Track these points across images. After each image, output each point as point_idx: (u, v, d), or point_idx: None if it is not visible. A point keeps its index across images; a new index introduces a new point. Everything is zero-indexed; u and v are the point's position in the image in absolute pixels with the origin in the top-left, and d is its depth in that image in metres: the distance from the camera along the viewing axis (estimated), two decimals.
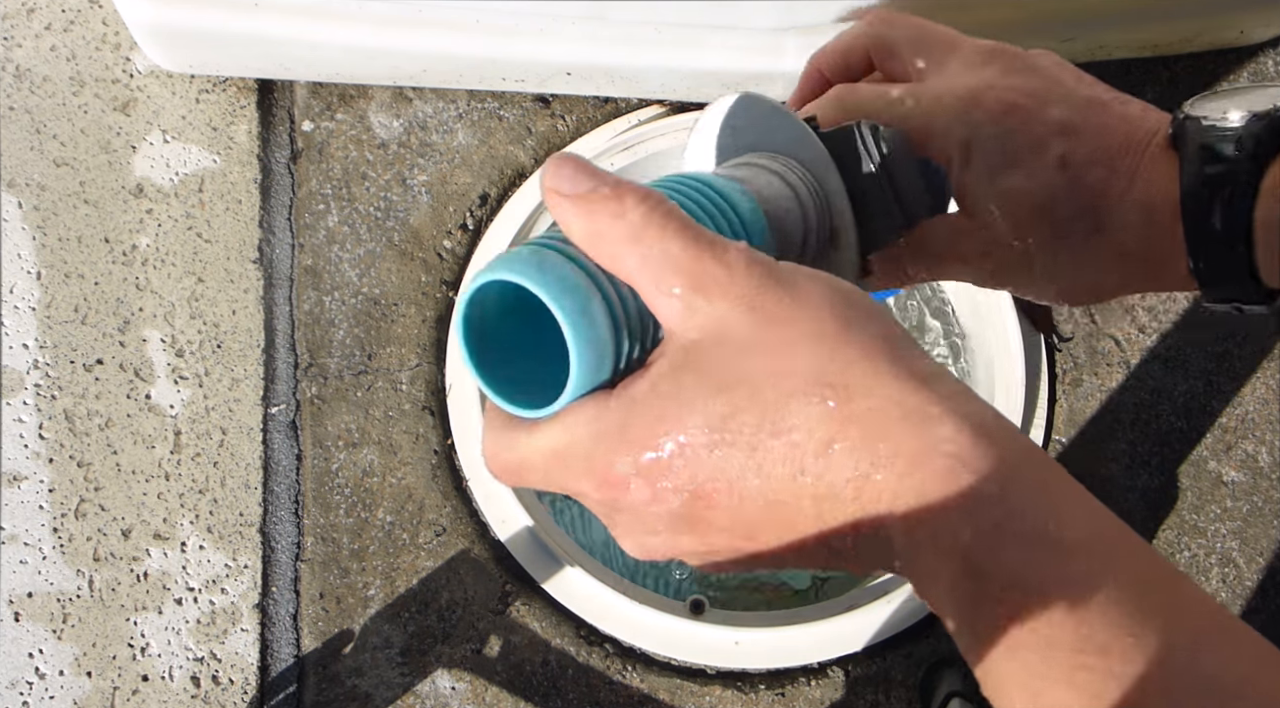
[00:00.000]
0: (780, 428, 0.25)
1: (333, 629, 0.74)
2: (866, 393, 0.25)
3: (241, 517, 0.75)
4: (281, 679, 0.73)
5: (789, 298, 0.26)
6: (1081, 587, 0.24)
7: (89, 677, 0.71)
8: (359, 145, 0.82)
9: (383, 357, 0.78)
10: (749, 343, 0.26)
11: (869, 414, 0.25)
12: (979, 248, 0.36)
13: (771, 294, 0.26)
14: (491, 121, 0.83)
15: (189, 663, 0.72)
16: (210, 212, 0.80)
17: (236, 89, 0.82)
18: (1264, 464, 0.83)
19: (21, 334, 0.76)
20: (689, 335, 0.26)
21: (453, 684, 0.73)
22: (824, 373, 0.25)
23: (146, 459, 0.75)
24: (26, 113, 0.79)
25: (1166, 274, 0.34)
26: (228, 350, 0.77)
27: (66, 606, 0.72)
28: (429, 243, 0.81)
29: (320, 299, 0.79)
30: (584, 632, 0.75)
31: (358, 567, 0.75)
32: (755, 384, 0.26)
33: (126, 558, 0.73)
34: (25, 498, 0.73)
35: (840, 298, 0.27)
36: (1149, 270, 0.35)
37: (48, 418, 0.75)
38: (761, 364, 0.26)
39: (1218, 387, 0.84)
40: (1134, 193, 0.34)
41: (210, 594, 0.73)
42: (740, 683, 0.74)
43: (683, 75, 0.78)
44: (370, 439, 0.77)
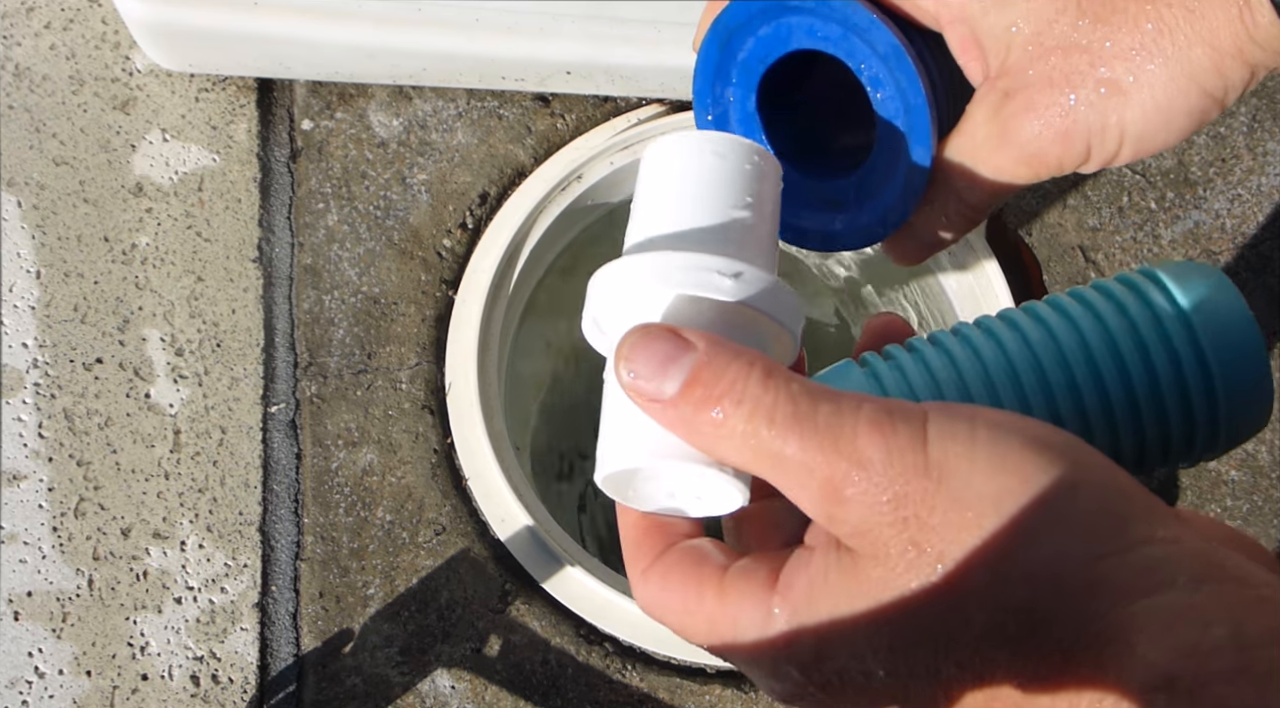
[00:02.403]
0: (946, 677, 0.22)
1: (332, 628, 0.74)
2: (1044, 621, 0.20)
3: (241, 516, 0.75)
4: (281, 678, 0.73)
5: (941, 500, 0.21)
6: None
7: (88, 676, 0.71)
8: (359, 144, 0.82)
9: (382, 356, 0.78)
10: (906, 563, 0.22)
11: (1056, 646, 0.20)
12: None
13: (922, 498, 0.21)
14: (491, 120, 0.83)
15: (189, 662, 0.72)
16: (210, 210, 0.80)
17: (236, 88, 0.82)
18: (1264, 463, 0.83)
19: (21, 333, 0.76)
20: (843, 542, 0.23)
21: (452, 683, 0.73)
22: (1000, 601, 0.21)
23: (146, 458, 0.75)
24: (26, 111, 0.79)
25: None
26: (227, 349, 0.77)
27: (66, 605, 0.72)
28: (429, 242, 0.81)
29: (320, 298, 0.79)
30: (584, 631, 0.75)
31: (357, 566, 0.75)
32: (914, 613, 0.22)
33: (126, 557, 0.73)
34: (25, 497, 0.73)
35: (1009, 485, 0.21)
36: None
37: (47, 417, 0.75)
38: (920, 591, 0.22)
39: None
40: None
41: (210, 593, 0.73)
42: (740, 683, 0.74)
43: (683, 75, 0.78)
44: (370, 438, 0.77)
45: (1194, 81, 0.28)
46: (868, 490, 0.22)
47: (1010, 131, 0.30)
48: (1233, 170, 0.88)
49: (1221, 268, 0.86)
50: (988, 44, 0.31)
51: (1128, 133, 0.29)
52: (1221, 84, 0.28)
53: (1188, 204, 0.87)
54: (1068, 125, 0.29)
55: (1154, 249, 0.86)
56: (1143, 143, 0.30)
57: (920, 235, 0.34)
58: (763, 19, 0.34)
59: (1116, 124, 0.29)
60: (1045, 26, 0.29)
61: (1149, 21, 0.28)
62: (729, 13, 0.34)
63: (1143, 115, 0.29)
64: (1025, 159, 0.30)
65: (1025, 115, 0.30)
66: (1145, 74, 0.28)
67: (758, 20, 0.34)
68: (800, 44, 0.34)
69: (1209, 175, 0.88)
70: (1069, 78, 0.29)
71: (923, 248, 0.35)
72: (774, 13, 0.34)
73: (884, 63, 0.32)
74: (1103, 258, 0.86)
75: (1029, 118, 0.30)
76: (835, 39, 0.33)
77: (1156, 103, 0.29)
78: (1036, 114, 0.30)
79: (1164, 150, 0.31)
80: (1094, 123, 0.29)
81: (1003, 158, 0.31)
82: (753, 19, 0.34)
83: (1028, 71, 0.30)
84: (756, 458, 0.23)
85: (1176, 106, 0.29)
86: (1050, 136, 0.30)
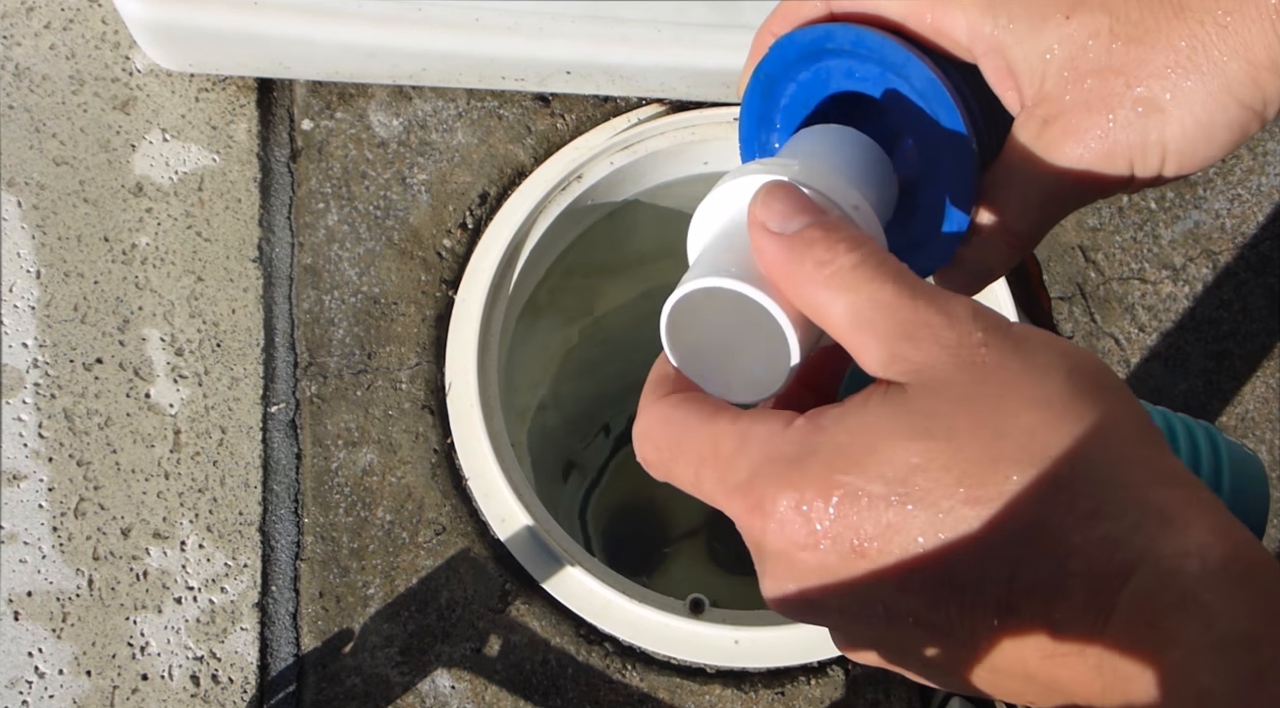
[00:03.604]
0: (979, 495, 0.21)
1: (332, 628, 0.74)
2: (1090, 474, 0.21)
3: (241, 516, 0.75)
4: (281, 678, 0.73)
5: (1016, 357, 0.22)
6: None
7: (88, 676, 0.71)
8: (359, 144, 0.82)
9: (382, 356, 0.78)
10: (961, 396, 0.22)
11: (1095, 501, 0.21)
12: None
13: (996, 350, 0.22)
14: (491, 120, 0.83)
15: (189, 662, 0.72)
16: (210, 210, 0.80)
17: (236, 88, 0.82)
18: (1264, 463, 0.83)
19: (21, 333, 0.76)
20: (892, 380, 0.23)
21: (452, 683, 0.73)
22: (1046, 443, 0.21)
23: (146, 458, 0.75)
24: (26, 111, 0.79)
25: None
26: (227, 349, 0.77)
27: (66, 605, 0.72)
28: (429, 242, 0.81)
29: (320, 298, 0.79)
30: (584, 631, 0.75)
31: (357, 566, 0.75)
32: (958, 439, 0.22)
33: (126, 557, 0.73)
34: (25, 497, 0.73)
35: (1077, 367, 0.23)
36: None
37: (47, 417, 0.75)
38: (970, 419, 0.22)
39: (1218, 386, 0.84)
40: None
41: (210, 593, 0.73)
42: (740, 682, 0.74)
43: (683, 74, 0.78)
44: (370, 438, 0.77)
45: (1231, 95, 0.28)
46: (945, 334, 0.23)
47: (1052, 157, 0.30)
48: (1233, 170, 0.88)
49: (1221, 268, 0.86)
50: (1022, 72, 0.31)
51: (1169, 149, 0.29)
52: (1260, 96, 0.28)
53: (1188, 204, 0.87)
54: (1109, 146, 0.30)
55: (1154, 249, 0.86)
56: (1185, 158, 0.30)
57: (970, 268, 0.34)
58: (801, 64, 0.34)
59: (1157, 142, 0.29)
60: (1079, 51, 0.30)
61: (1182, 39, 0.28)
62: (769, 60, 0.35)
63: (1182, 132, 0.29)
64: (1069, 184, 0.30)
65: (1065, 140, 0.30)
66: (1182, 91, 0.28)
67: (796, 66, 0.34)
68: (839, 86, 0.34)
69: (1209, 175, 0.88)
70: (1106, 99, 0.29)
71: (973, 280, 0.34)
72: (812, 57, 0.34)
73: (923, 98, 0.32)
74: (1103, 258, 0.86)
75: (1069, 142, 0.30)
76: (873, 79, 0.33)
77: (1196, 118, 0.29)
78: (1076, 138, 0.30)
79: (1207, 165, 0.31)
80: (1134, 142, 0.29)
81: (1046, 184, 0.31)
82: (791, 65, 0.34)
83: (1064, 97, 0.30)
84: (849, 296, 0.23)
85: (1216, 121, 0.29)
86: (1092, 159, 0.30)
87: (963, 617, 0.22)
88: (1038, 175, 0.31)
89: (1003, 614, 0.21)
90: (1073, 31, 0.30)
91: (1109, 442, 0.21)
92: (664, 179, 0.85)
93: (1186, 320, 0.85)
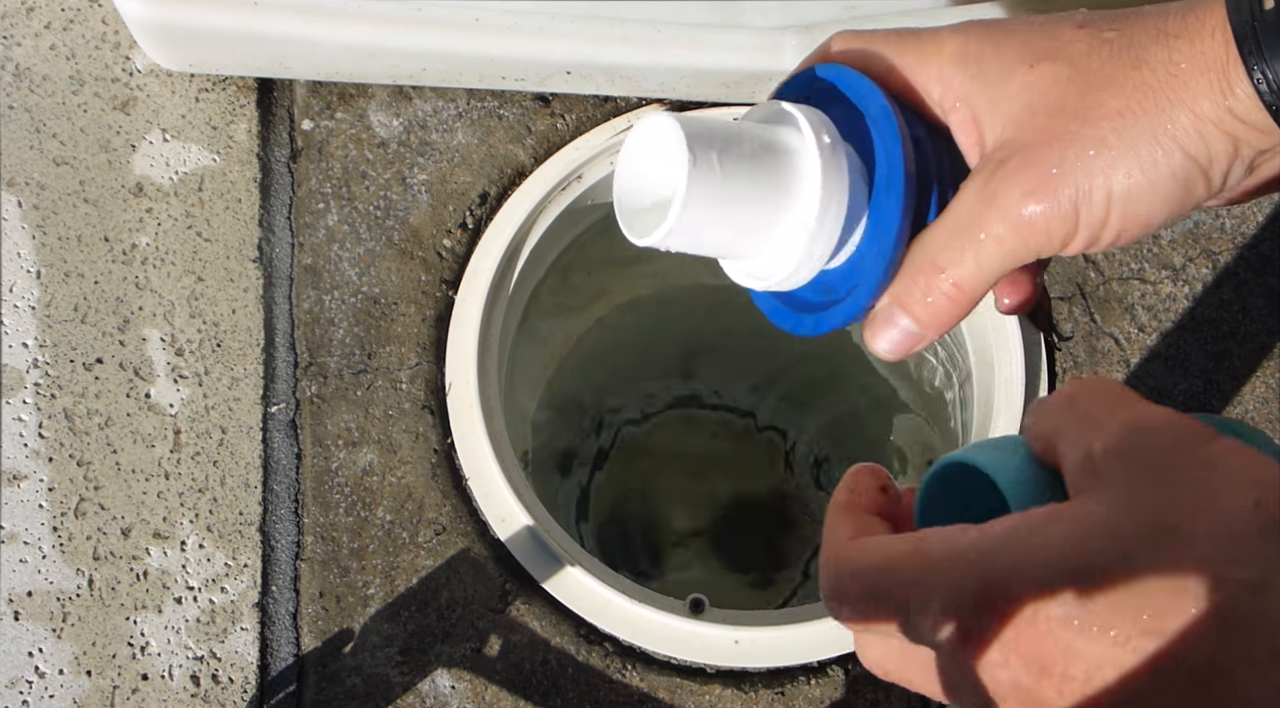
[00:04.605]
0: (1158, 627, 0.21)
1: (332, 628, 0.74)
2: (1270, 612, 0.20)
3: (241, 516, 0.75)
4: (281, 678, 0.73)
5: (1205, 476, 0.22)
6: None
7: (89, 676, 0.71)
8: (359, 144, 0.82)
9: (382, 356, 0.78)
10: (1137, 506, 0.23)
11: (1273, 642, 0.20)
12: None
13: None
14: (491, 120, 0.83)
15: (189, 662, 0.72)
16: (210, 210, 0.80)
17: (236, 88, 0.82)
18: None
19: (21, 333, 0.76)
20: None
21: (452, 683, 0.73)
22: (1226, 575, 0.21)
23: (146, 458, 0.75)
24: (26, 112, 0.79)
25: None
26: (227, 349, 0.77)
27: (66, 604, 0.72)
28: (429, 242, 0.81)
29: (320, 298, 0.79)
30: (584, 631, 0.75)
31: (357, 566, 0.75)
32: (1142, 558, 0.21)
33: (126, 557, 0.73)
34: (25, 497, 0.73)
35: (1265, 496, 0.21)
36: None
37: (47, 417, 0.75)
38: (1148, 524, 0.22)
39: (1218, 386, 0.84)
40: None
41: (210, 593, 0.73)
42: (740, 682, 0.74)
43: (683, 74, 0.78)
44: (370, 438, 0.77)
45: (1176, 142, 0.29)
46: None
47: (998, 198, 0.30)
48: None
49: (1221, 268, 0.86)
50: (985, 121, 0.32)
51: (1114, 194, 0.30)
52: (1205, 151, 0.29)
53: None
54: (1055, 187, 0.30)
55: (1153, 249, 0.86)
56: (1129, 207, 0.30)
57: (900, 323, 0.33)
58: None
59: (1103, 186, 0.30)
60: (1038, 97, 0.30)
61: (1135, 86, 0.29)
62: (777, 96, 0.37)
63: (1128, 177, 0.29)
64: (1011, 226, 0.30)
65: (1013, 178, 0.30)
66: (1130, 133, 0.29)
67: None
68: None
69: None
70: (1060, 137, 0.30)
71: (906, 337, 0.33)
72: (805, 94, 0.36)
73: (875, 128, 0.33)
74: (1102, 258, 0.86)
75: (1017, 180, 0.30)
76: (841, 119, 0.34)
77: (1140, 162, 0.29)
78: (1023, 176, 0.30)
79: (1149, 228, 0.31)
80: (1081, 184, 0.30)
81: (989, 227, 0.31)
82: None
83: (1019, 140, 0.30)
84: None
85: (1160, 168, 0.29)
86: (1035, 201, 0.30)
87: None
88: (980, 217, 0.31)
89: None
90: (1035, 80, 0.30)
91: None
92: None
93: (1186, 320, 0.85)
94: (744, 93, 0.81)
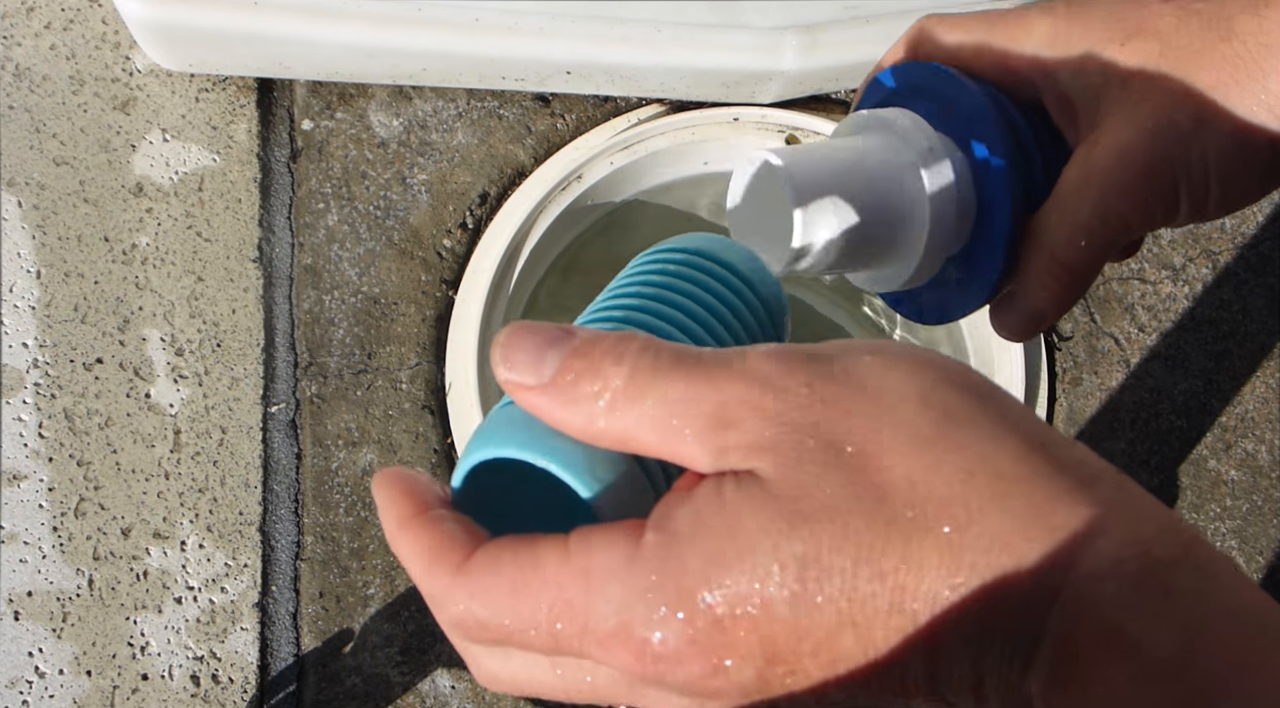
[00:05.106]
0: (881, 569, 0.19)
1: (332, 628, 0.74)
2: (984, 511, 0.19)
3: (241, 516, 0.75)
4: (281, 678, 0.73)
5: (859, 399, 0.20)
6: None
7: (89, 676, 0.71)
8: (359, 144, 0.82)
9: (382, 356, 0.78)
10: (822, 465, 0.20)
11: (1000, 540, 0.19)
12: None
13: (831, 400, 0.20)
14: (491, 120, 0.83)
15: (189, 662, 0.72)
16: (210, 211, 0.80)
17: (236, 88, 0.82)
18: (1264, 463, 0.83)
19: (21, 333, 0.76)
20: (738, 469, 0.20)
21: (452, 683, 0.73)
22: (930, 490, 0.19)
23: (146, 458, 0.75)
24: (26, 112, 0.79)
25: None
26: (227, 349, 0.77)
27: (66, 604, 0.72)
28: (429, 242, 0.81)
29: (320, 298, 0.79)
30: None
31: (357, 566, 0.75)
32: (841, 515, 0.19)
33: (126, 557, 0.73)
34: (25, 497, 0.73)
35: (932, 382, 0.20)
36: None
37: (47, 417, 0.75)
38: (844, 488, 0.19)
39: (1217, 386, 0.84)
40: None
41: (210, 593, 0.73)
42: None
43: (683, 74, 0.78)
44: (370, 438, 0.77)
45: (1271, 112, 0.29)
46: (765, 404, 0.20)
47: (1097, 177, 0.31)
48: None
49: (1221, 268, 0.86)
50: (1079, 101, 0.32)
51: (1212, 167, 0.30)
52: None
53: None
54: (1153, 162, 0.30)
55: (1154, 248, 0.86)
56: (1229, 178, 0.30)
57: (1020, 307, 0.33)
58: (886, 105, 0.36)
59: (1200, 160, 0.30)
60: (1131, 75, 0.30)
61: (1225, 58, 0.29)
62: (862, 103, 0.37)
63: (1220, 148, 0.29)
64: (1114, 204, 0.30)
65: (1111, 158, 0.30)
66: (1224, 106, 0.29)
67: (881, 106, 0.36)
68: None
69: None
70: (1154, 115, 0.30)
71: (1026, 319, 0.33)
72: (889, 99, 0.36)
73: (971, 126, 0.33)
74: None
75: (1115, 161, 0.30)
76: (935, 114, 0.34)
77: (1235, 129, 0.29)
78: (1122, 156, 0.30)
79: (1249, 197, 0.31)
80: (1178, 156, 0.30)
81: (1092, 206, 0.31)
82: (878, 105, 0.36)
83: (1115, 119, 0.30)
84: (639, 414, 0.20)
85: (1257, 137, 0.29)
86: (1136, 177, 0.30)
87: (891, 696, 0.20)
88: (1082, 198, 0.31)
89: (929, 682, 0.20)
90: (1126, 57, 0.31)
91: (995, 466, 0.19)
92: (664, 179, 0.85)
93: (1186, 320, 0.85)
94: (744, 93, 0.81)
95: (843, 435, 0.20)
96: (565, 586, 0.20)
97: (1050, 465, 0.20)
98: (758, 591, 0.19)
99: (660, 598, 0.19)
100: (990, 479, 0.19)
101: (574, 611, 0.20)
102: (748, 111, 0.82)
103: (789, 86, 0.80)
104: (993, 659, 0.19)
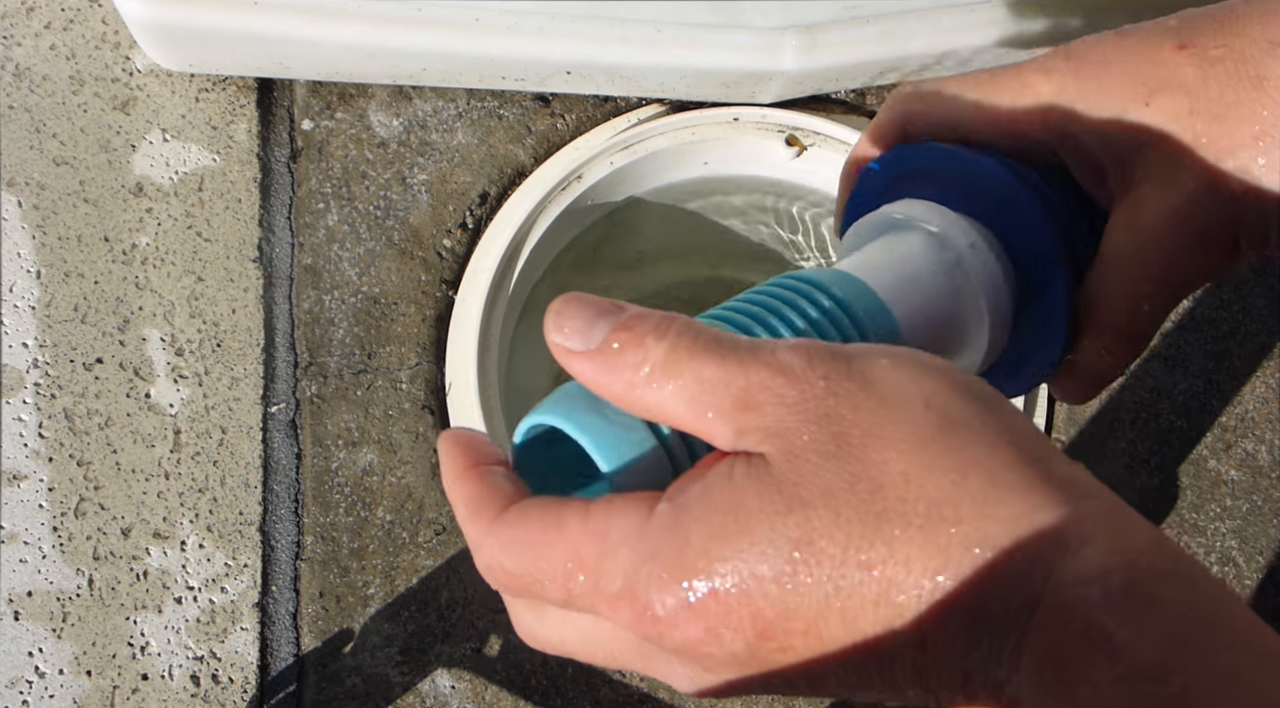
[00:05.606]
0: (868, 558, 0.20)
1: (332, 628, 0.74)
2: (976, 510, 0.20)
3: (241, 516, 0.75)
4: (281, 678, 0.73)
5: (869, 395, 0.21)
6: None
7: (89, 676, 0.71)
8: (359, 144, 0.82)
9: (382, 355, 0.78)
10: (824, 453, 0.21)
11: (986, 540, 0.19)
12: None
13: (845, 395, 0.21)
14: (491, 120, 0.83)
15: (189, 662, 0.72)
16: (210, 210, 0.80)
17: (236, 88, 0.82)
18: (1264, 463, 0.83)
19: (21, 333, 0.76)
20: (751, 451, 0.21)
21: (452, 683, 0.73)
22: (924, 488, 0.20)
23: (146, 458, 0.75)
24: (26, 112, 0.79)
25: None
26: (227, 349, 0.77)
27: (66, 604, 0.72)
28: (429, 242, 0.81)
29: (320, 298, 0.79)
30: None
31: (357, 566, 0.75)
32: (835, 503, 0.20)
33: (126, 557, 0.73)
34: (25, 497, 0.73)
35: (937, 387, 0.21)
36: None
37: (47, 417, 0.75)
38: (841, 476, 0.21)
39: (1217, 385, 0.84)
40: None
41: (210, 593, 0.73)
42: None
43: (683, 74, 0.78)
44: (370, 438, 0.77)
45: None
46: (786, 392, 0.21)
47: (1151, 243, 0.30)
48: None
49: None
50: (1108, 164, 0.30)
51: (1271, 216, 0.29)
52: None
53: None
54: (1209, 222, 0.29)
55: None
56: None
57: (1083, 375, 0.33)
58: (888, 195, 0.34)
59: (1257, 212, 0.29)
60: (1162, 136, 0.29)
61: (1264, 109, 0.28)
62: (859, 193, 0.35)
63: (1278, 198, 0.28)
64: (1167, 264, 0.30)
65: (1162, 221, 0.29)
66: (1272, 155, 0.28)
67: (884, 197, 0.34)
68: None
69: None
70: (1200, 176, 0.29)
71: (1093, 386, 0.33)
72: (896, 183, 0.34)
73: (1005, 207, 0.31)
74: None
75: (1167, 222, 0.29)
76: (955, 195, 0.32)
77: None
78: (1173, 216, 0.29)
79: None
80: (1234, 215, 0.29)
81: (1149, 272, 0.30)
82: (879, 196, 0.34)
83: (1153, 183, 0.29)
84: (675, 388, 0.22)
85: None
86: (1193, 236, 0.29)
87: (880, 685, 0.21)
88: (1132, 263, 0.30)
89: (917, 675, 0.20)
90: (1152, 116, 0.29)
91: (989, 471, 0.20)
92: (664, 179, 0.85)
93: (1186, 320, 0.85)
94: (744, 93, 0.81)
95: (848, 428, 0.21)
96: (583, 546, 0.22)
97: (1043, 478, 0.20)
98: (751, 566, 0.20)
99: (663, 565, 0.21)
100: (982, 483, 0.20)
101: (588, 569, 0.22)
102: (748, 111, 0.82)
103: (789, 86, 0.80)
104: (979, 657, 0.20)
